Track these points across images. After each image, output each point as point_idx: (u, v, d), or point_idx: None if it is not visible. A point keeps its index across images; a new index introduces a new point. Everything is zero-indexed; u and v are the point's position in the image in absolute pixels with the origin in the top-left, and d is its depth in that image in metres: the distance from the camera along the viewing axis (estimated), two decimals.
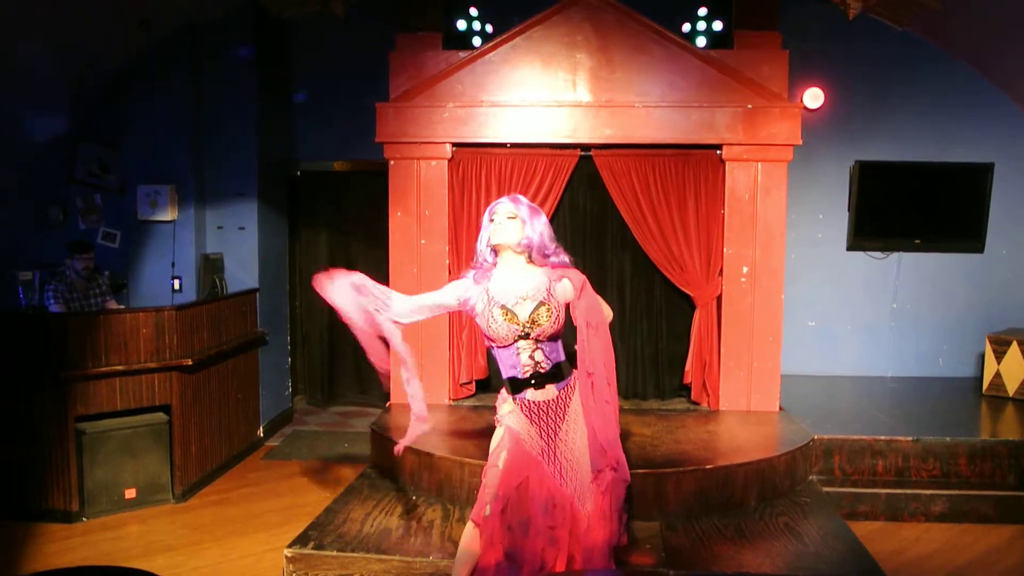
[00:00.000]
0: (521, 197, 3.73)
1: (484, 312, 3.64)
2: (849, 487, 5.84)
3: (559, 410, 3.68)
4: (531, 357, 3.63)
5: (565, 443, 3.66)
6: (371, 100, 6.73)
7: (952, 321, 8.03)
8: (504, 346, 3.64)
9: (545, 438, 3.66)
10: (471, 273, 3.75)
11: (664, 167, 6.70)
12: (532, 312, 3.59)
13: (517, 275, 3.67)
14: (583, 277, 3.75)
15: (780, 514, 5.27)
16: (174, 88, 7.19)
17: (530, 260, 3.70)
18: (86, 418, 5.76)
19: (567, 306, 3.72)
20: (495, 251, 3.72)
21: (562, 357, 3.76)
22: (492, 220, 3.67)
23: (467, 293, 3.71)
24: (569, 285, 3.70)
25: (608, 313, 3.85)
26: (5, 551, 5.20)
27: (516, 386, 3.70)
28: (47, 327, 5.72)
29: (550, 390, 3.68)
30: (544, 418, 3.66)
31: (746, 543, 4.85)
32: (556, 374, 3.70)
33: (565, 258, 3.77)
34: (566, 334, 3.75)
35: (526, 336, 3.60)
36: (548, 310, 3.60)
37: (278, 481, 6.52)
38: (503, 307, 3.59)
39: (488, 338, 3.69)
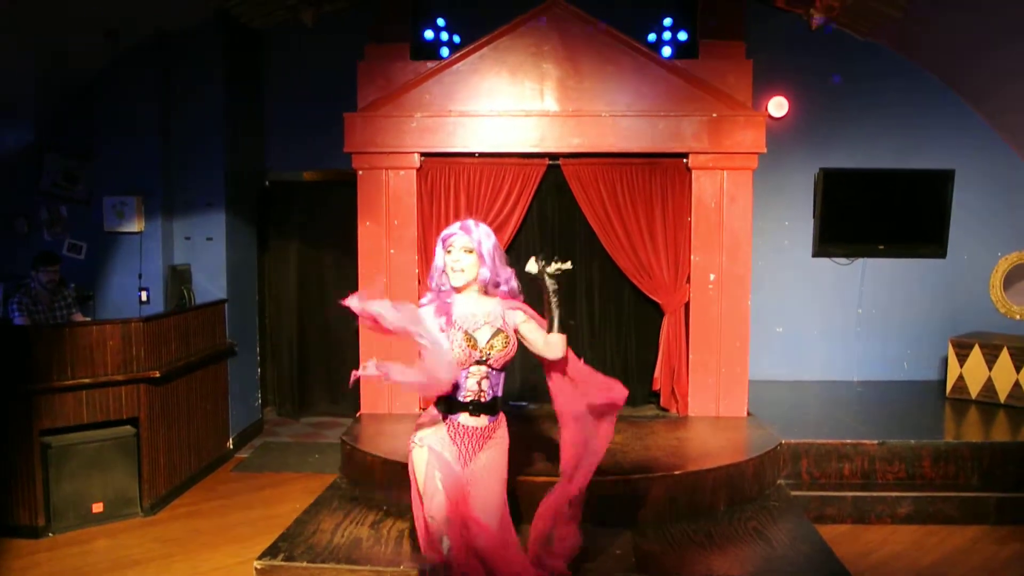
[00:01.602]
0: (473, 226, 3.62)
1: (447, 335, 3.62)
2: (816, 491, 5.92)
3: (482, 439, 3.65)
4: (478, 383, 3.60)
5: (473, 470, 3.63)
6: (340, 110, 6.74)
7: (916, 325, 8.15)
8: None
9: (461, 460, 3.62)
10: (432, 307, 3.67)
11: (631, 176, 6.76)
12: (490, 338, 3.59)
13: (474, 302, 3.66)
14: (532, 312, 3.79)
15: (749, 518, 5.32)
16: (142, 98, 7.13)
17: (484, 291, 3.70)
18: (52, 431, 5.69)
19: (516, 332, 3.74)
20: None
21: (500, 392, 3.73)
22: (448, 252, 3.61)
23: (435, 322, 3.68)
24: (519, 315, 3.72)
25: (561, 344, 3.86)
26: None
27: (451, 407, 3.65)
28: (11, 340, 5.65)
29: (482, 420, 3.65)
30: (467, 443, 3.63)
31: (715, 548, 4.89)
32: (492, 407, 3.68)
33: (515, 284, 3.76)
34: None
35: (482, 362, 3.59)
36: (505, 338, 3.61)
37: (248, 493, 6.47)
38: (465, 332, 3.57)
39: None
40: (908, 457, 6.06)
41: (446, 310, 3.63)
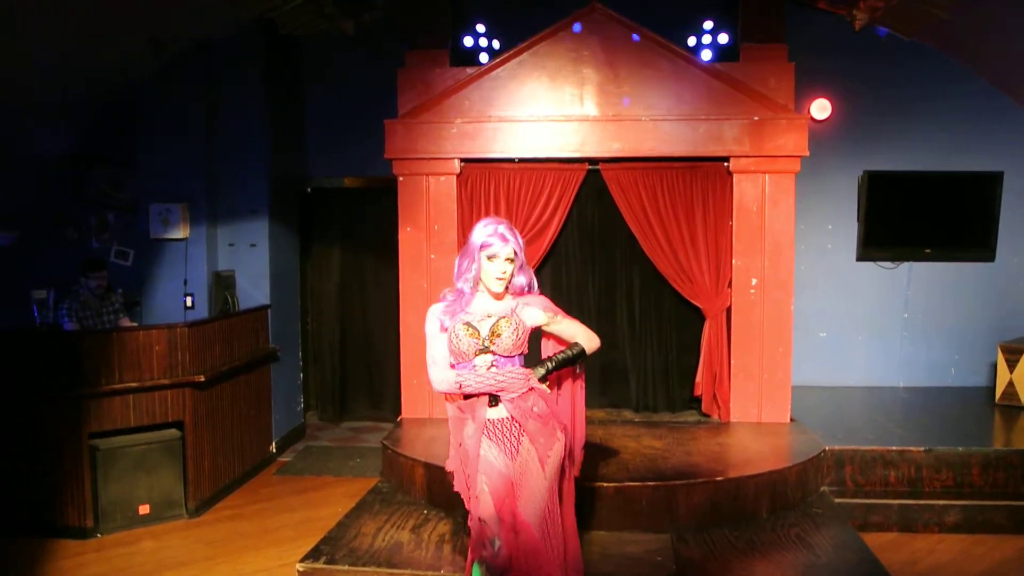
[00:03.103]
0: (508, 232, 3.61)
1: (450, 329, 3.61)
2: (861, 498, 5.82)
3: (516, 428, 3.60)
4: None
5: (519, 464, 3.58)
6: (380, 117, 6.79)
7: (963, 330, 8.00)
8: (464, 363, 3.60)
9: (508, 455, 3.58)
10: (443, 305, 3.69)
11: (672, 180, 6.73)
12: (492, 325, 3.59)
13: (492, 302, 3.68)
14: (553, 305, 3.81)
15: (792, 525, 5.26)
16: (185, 107, 7.24)
17: (507, 292, 3.71)
18: (100, 434, 5.79)
19: (532, 330, 3.73)
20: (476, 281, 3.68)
21: None
22: (491, 261, 3.59)
23: (443, 322, 3.67)
24: (538, 311, 3.72)
25: (594, 341, 3.87)
26: (20, 568, 5.24)
27: (476, 408, 3.64)
28: (61, 344, 5.77)
29: (502, 410, 3.61)
30: (502, 437, 3.59)
31: (757, 555, 4.84)
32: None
33: (533, 280, 3.78)
34: None
35: (484, 350, 3.57)
36: (509, 323, 3.58)
37: (290, 496, 6.54)
38: (466, 323, 3.57)
39: (452, 354, 3.62)
40: (956, 464, 5.94)
41: (458, 309, 3.64)
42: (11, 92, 5.98)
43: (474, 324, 3.59)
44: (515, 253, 3.61)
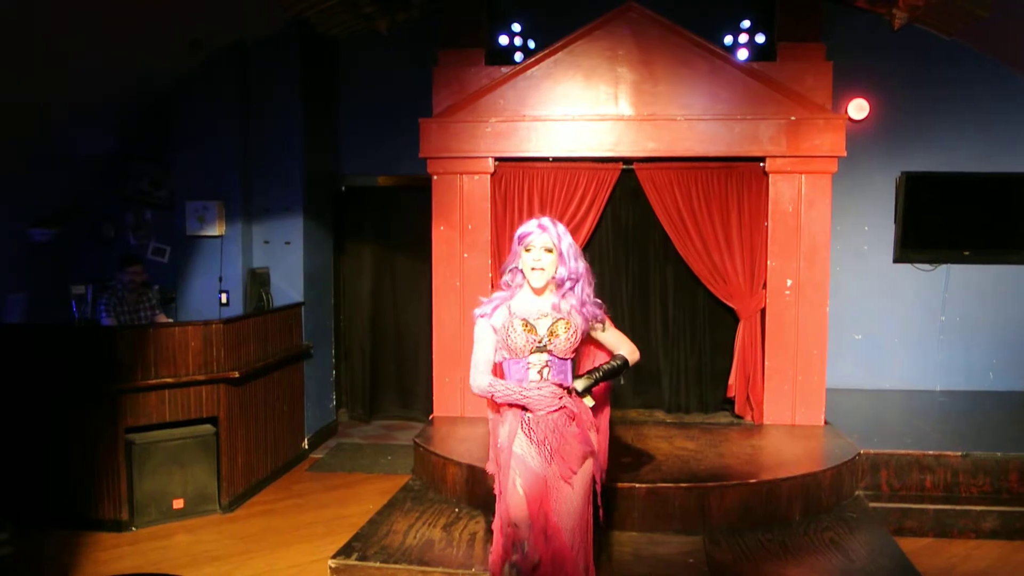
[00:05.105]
0: (550, 223, 3.60)
1: (504, 325, 3.57)
2: (897, 503, 5.75)
3: (559, 431, 3.56)
4: (539, 373, 3.56)
5: (555, 469, 3.54)
6: (414, 116, 6.81)
7: (1003, 334, 7.87)
8: (517, 359, 3.57)
9: (542, 457, 3.53)
10: (491, 307, 3.64)
11: (707, 180, 6.68)
12: (551, 325, 3.56)
13: (542, 300, 3.64)
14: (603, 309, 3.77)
15: (826, 529, 5.21)
16: (222, 105, 7.31)
17: (560, 293, 3.65)
18: (136, 429, 5.87)
19: (586, 335, 3.71)
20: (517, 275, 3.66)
21: (570, 383, 3.65)
22: (528, 251, 3.57)
23: (493, 323, 3.63)
24: (597, 324, 3.72)
25: (636, 353, 3.85)
26: (57, 559, 5.31)
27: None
28: (99, 340, 5.85)
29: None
30: (543, 438, 3.54)
31: (791, 558, 4.80)
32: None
33: (590, 291, 3.69)
34: None
35: (541, 349, 3.55)
36: (567, 324, 3.56)
37: (323, 492, 6.58)
38: (524, 320, 3.55)
39: (506, 350, 3.58)
40: (994, 470, 5.85)
41: (503, 304, 3.63)
42: (53, 93, 6.06)
43: (531, 321, 3.57)
44: (556, 243, 3.56)
